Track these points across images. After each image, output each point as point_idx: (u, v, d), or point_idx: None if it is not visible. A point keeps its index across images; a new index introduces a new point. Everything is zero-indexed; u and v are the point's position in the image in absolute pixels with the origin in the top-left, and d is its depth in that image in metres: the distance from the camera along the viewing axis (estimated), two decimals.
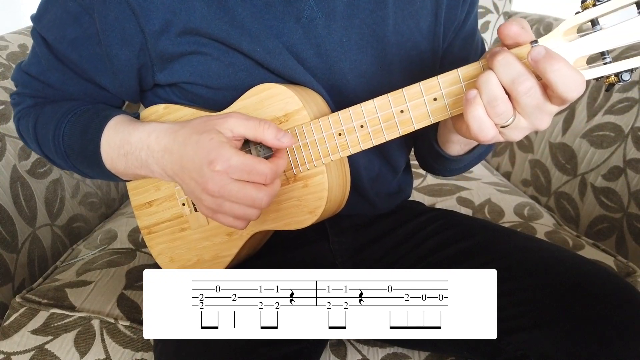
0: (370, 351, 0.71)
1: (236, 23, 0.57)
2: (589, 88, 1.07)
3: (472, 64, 0.50)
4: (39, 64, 0.64)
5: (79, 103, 0.65)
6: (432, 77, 0.51)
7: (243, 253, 0.65)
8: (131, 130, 0.59)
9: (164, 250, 0.68)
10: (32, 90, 0.67)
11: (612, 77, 0.46)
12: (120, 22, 0.57)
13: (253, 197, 0.52)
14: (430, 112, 0.52)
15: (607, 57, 0.46)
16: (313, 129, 0.56)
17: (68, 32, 0.60)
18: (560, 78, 0.43)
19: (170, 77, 0.61)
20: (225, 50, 0.58)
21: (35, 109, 0.67)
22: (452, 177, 1.16)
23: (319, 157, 0.56)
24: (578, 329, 0.54)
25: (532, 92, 0.45)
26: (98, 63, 0.61)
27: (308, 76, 0.59)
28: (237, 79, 0.59)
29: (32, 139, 0.67)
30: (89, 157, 0.63)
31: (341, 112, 0.55)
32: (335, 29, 0.60)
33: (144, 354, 0.71)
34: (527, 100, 0.46)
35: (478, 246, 0.67)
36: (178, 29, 0.57)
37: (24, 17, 0.64)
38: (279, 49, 0.58)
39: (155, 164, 0.58)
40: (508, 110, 0.47)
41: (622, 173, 0.96)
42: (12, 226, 0.87)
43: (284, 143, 0.54)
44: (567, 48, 0.46)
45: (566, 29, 0.46)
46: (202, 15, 0.56)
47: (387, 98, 0.53)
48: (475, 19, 0.72)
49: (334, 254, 0.72)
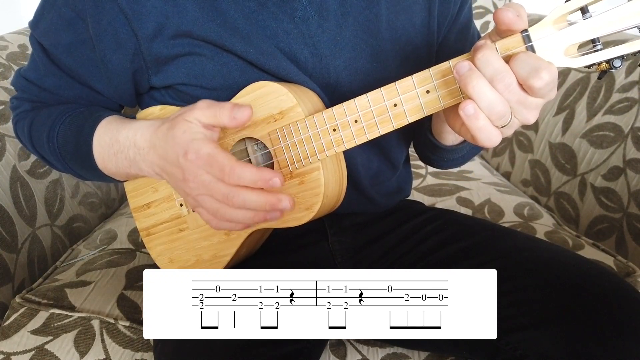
0: (370, 351, 0.71)
1: (228, 25, 0.57)
2: (589, 88, 1.07)
3: (463, 55, 0.50)
4: (37, 69, 0.65)
5: (75, 106, 0.66)
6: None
7: (242, 252, 0.65)
8: (119, 129, 0.59)
9: (163, 251, 0.68)
10: (30, 95, 0.68)
11: (603, 64, 0.46)
12: (114, 26, 0.57)
13: (223, 191, 0.51)
14: (423, 105, 0.52)
15: (598, 44, 0.46)
16: (308, 126, 0.56)
17: (63, 37, 0.60)
18: (477, 94, 0.45)
19: (165, 79, 0.61)
20: (219, 52, 0.58)
21: (32, 112, 0.67)
22: (452, 177, 1.16)
23: (314, 154, 0.57)
24: (577, 329, 0.54)
25: (512, 88, 0.46)
26: (93, 68, 0.61)
27: (302, 76, 0.59)
28: (231, 78, 0.59)
29: (28, 141, 0.68)
30: (83, 158, 0.63)
31: (335, 108, 0.55)
32: (329, 27, 0.60)
33: (144, 354, 0.71)
34: (508, 97, 0.46)
35: (477, 245, 0.67)
36: (171, 32, 0.57)
37: (23, 18, 0.64)
38: (271, 49, 0.58)
39: (142, 161, 0.58)
40: (507, 110, 0.47)
41: (622, 173, 0.96)
42: (12, 226, 0.87)
43: (238, 119, 0.52)
44: (558, 36, 0.46)
45: (556, 17, 0.46)
46: (194, 17, 0.57)
47: (380, 92, 0.53)
48: (470, 10, 0.72)
49: (333, 253, 0.72)
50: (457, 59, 0.50)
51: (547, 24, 0.46)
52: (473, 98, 0.46)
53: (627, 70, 1.02)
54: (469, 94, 0.46)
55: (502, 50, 0.48)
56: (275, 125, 0.57)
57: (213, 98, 0.59)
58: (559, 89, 1.14)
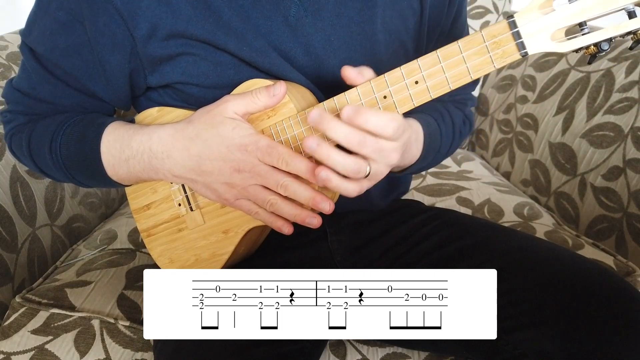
0: (370, 351, 0.71)
1: (222, 23, 0.57)
2: (588, 88, 1.07)
3: (450, 44, 0.51)
4: (29, 79, 0.64)
5: (72, 114, 0.65)
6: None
7: (240, 250, 0.65)
8: (131, 135, 0.60)
9: (164, 251, 0.68)
10: (24, 107, 0.67)
11: (591, 47, 0.46)
12: (111, 27, 0.57)
13: (278, 179, 0.55)
14: (412, 96, 0.52)
15: (585, 27, 0.46)
16: (300, 121, 0.56)
17: (59, 41, 0.60)
18: (336, 135, 0.49)
19: (161, 78, 0.61)
20: (213, 51, 0.59)
21: (28, 126, 0.66)
22: (452, 177, 1.16)
23: None
24: (577, 328, 0.54)
25: (365, 142, 0.49)
26: (91, 70, 0.61)
27: (296, 74, 0.60)
28: (225, 77, 0.60)
29: (26, 156, 0.67)
30: (89, 167, 0.63)
31: (326, 102, 0.56)
32: (323, 27, 0.60)
33: (144, 354, 0.71)
34: (365, 151, 0.49)
35: (477, 244, 0.67)
36: (164, 33, 0.57)
37: (24, 18, 0.64)
38: (265, 47, 0.58)
39: (160, 165, 0.59)
40: (361, 164, 0.50)
41: (622, 173, 0.96)
42: (12, 226, 0.87)
43: (277, 94, 0.55)
44: (544, 21, 0.46)
45: (542, 1, 0.46)
46: (187, 17, 0.57)
47: (370, 84, 0.53)
48: (464, 23, 0.73)
49: (332, 252, 0.72)
50: (444, 48, 0.51)
51: (532, 8, 0.46)
52: (329, 164, 0.50)
53: (627, 70, 1.02)
54: (324, 161, 0.50)
55: (464, 48, 0.50)
56: (269, 122, 0.58)
57: (209, 96, 0.59)
58: (559, 89, 1.15)
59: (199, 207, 0.64)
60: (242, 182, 0.56)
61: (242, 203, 0.58)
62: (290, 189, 0.55)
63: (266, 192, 0.56)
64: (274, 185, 0.55)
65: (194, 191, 0.63)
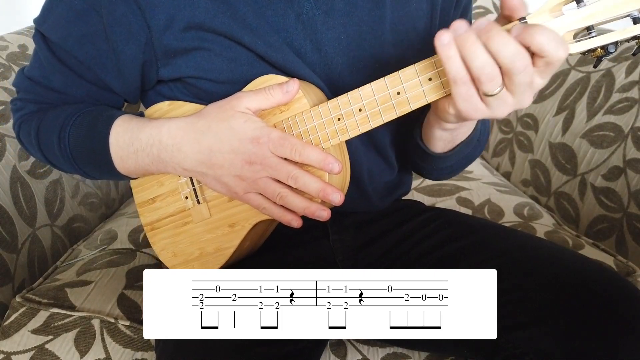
0: (370, 351, 0.71)
1: (238, 17, 0.58)
2: (589, 88, 1.07)
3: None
4: (42, 67, 0.65)
5: (82, 106, 0.65)
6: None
7: (245, 245, 0.65)
8: (140, 127, 0.61)
9: (167, 245, 0.68)
10: (35, 96, 0.67)
11: (598, 49, 0.48)
12: (128, 17, 0.58)
13: (289, 171, 0.56)
14: (425, 92, 0.53)
15: (593, 31, 0.48)
16: (313, 116, 0.57)
17: (74, 30, 0.60)
18: (544, 39, 0.44)
19: (173, 72, 0.61)
20: (228, 45, 0.59)
21: (37, 114, 0.67)
22: (452, 177, 1.16)
23: (319, 143, 0.58)
24: (577, 327, 0.54)
25: (528, 69, 0.46)
26: (104, 60, 0.61)
27: (307, 70, 0.60)
28: (239, 72, 0.60)
29: (33, 145, 0.67)
30: (98, 158, 0.63)
31: (339, 98, 0.56)
32: (334, 25, 0.61)
33: (144, 354, 0.71)
34: (522, 78, 0.46)
35: (477, 244, 0.67)
36: (182, 24, 0.58)
37: (24, 18, 0.64)
38: (278, 43, 0.59)
39: (169, 158, 0.59)
40: (497, 74, 0.46)
41: (622, 173, 0.96)
42: (12, 226, 0.87)
43: (291, 91, 0.56)
44: (554, 24, 0.48)
45: (552, 5, 0.48)
46: (205, 9, 0.57)
47: (384, 81, 0.54)
48: (470, 21, 0.72)
49: (334, 252, 0.72)
50: None
51: (543, 12, 0.48)
52: (465, 56, 0.46)
53: (627, 70, 1.02)
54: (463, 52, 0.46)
55: None
56: (281, 117, 0.58)
57: (221, 91, 0.60)
58: (558, 89, 1.14)
59: (205, 201, 0.64)
60: (252, 174, 0.57)
61: (251, 197, 0.59)
62: (301, 180, 0.55)
63: (276, 184, 0.57)
64: (285, 177, 0.56)
65: (201, 184, 0.63)
